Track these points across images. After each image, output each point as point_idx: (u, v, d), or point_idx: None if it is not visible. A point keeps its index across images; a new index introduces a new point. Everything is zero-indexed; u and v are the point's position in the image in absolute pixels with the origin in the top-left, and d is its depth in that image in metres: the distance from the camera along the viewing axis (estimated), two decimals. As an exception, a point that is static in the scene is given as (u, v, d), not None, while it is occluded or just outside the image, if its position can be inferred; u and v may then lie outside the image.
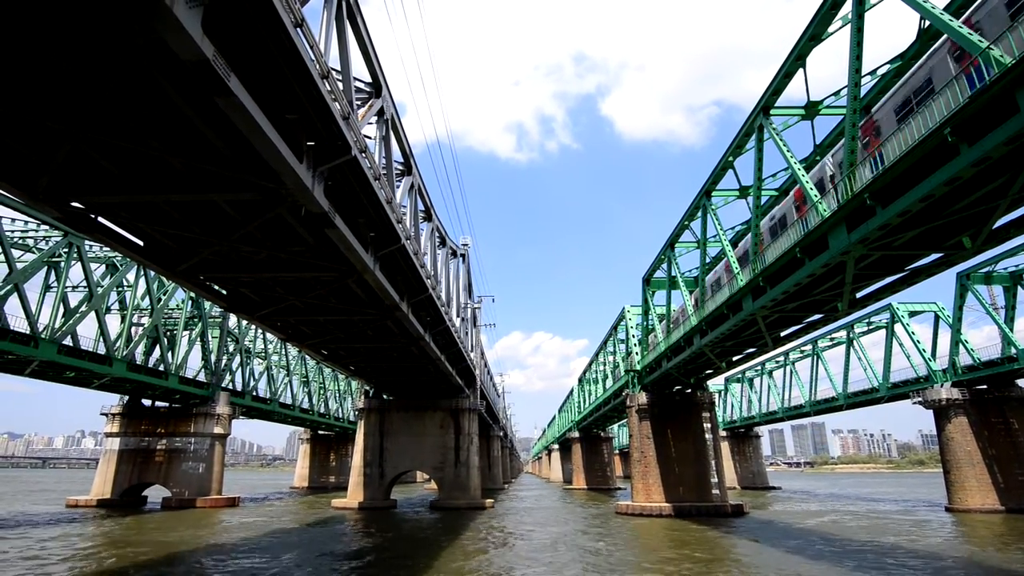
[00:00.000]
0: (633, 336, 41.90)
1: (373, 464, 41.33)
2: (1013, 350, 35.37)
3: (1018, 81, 9.83)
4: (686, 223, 29.21)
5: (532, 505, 46.82)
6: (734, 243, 27.72)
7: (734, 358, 32.14)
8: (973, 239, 14.84)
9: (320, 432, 79.32)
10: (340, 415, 76.18)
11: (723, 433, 75.22)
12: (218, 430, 43.30)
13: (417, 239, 22.75)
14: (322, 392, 71.69)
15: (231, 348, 49.71)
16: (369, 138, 16.95)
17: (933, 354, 41.18)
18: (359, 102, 16.68)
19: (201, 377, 45.18)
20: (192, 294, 43.99)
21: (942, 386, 39.03)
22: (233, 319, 49.25)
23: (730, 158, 22.92)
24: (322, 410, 70.96)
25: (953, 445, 37.94)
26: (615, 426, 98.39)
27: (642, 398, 37.88)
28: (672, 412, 37.59)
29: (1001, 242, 15.08)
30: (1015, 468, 36.75)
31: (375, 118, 17.04)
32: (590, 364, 67.94)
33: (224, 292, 20.46)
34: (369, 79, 16.97)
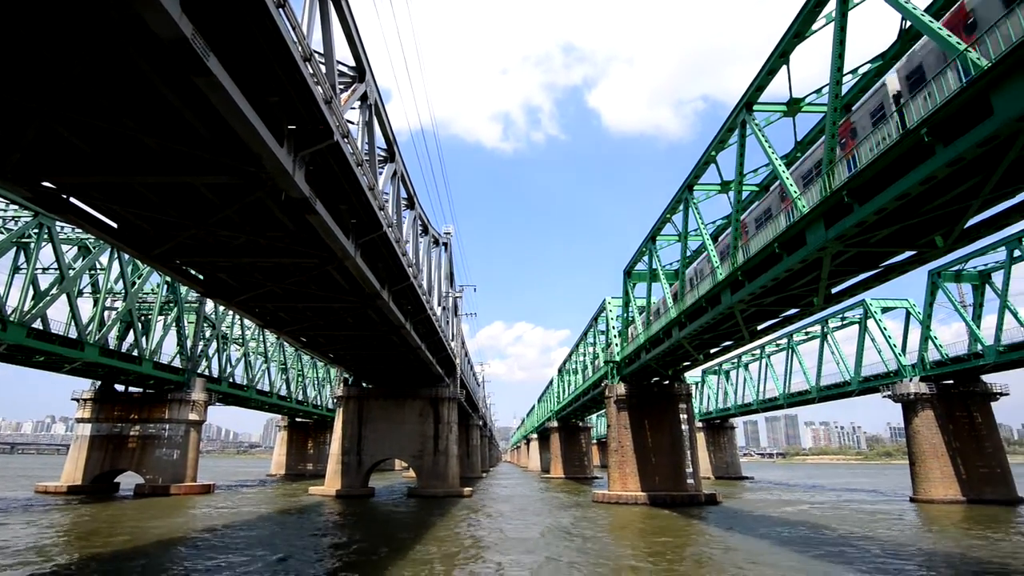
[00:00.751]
0: (613, 328, 42.22)
1: (351, 452, 41.18)
2: (979, 346, 36.42)
3: (994, 84, 10.04)
4: (668, 216, 29.43)
5: (510, 493, 47.15)
6: (714, 237, 28.02)
7: (711, 350, 32.59)
8: (945, 238, 15.19)
9: (298, 419, 78.76)
10: (318, 403, 75.67)
11: (699, 424, 76.41)
12: (193, 416, 42.72)
13: (399, 227, 22.57)
14: (300, 379, 71.11)
15: (207, 334, 48.96)
16: (352, 123, 16.72)
17: (903, 349, 42.26)
18: (342, 86, 16.43)
19: (176, 363, 44.46)
20: (168, 278, 43.15)
21: (911, 380, 40.09)
22: (210, 304, 48.48)
23: (713, 153, 23.09)
24: (300, 397, 70.43)
25: (919, 438, 39.06)
26: (593, 416, 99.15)
27: (620, 389, 38.28)
28: (650, 403, 38.05)
29: (972, 241, 15.46)
30: (976, 460, 38.01)
31: (358, 103, 16.80)
32: (570, 355, 68.37)
33: (201, 277, 20.10)
34: (353, 63, 16.70)
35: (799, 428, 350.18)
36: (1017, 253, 34.25)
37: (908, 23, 15.18)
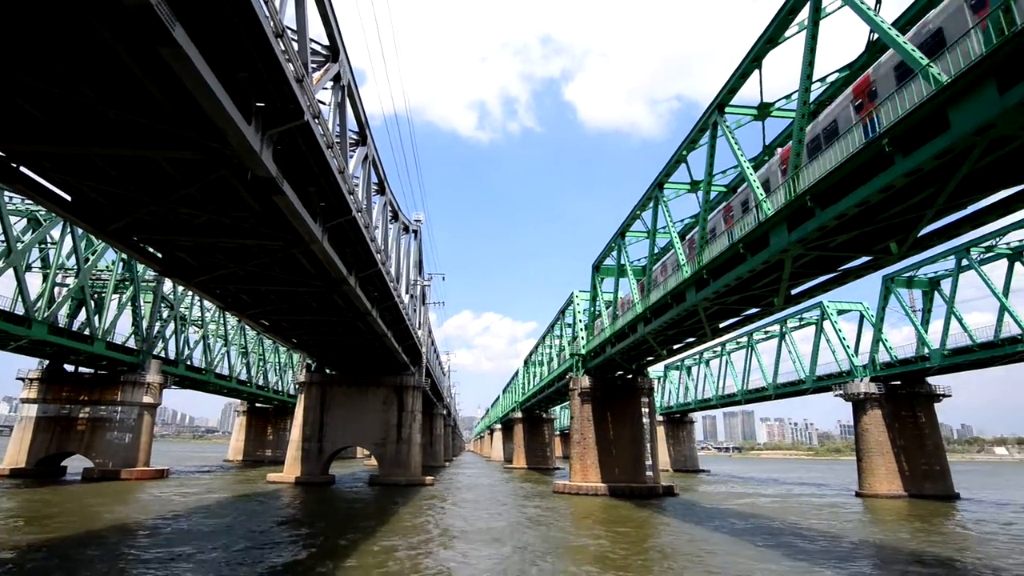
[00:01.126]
0: (580, 321, 42.64)
1: (312, 439, 40.66)
2: (926, 350, 38.10)
3: (952, 99, 10.44)
4: (638, 213, 29.77)
5: (472, 482, 47.36)
6: (682, 235, 28.50)
7: (675, 346, 33.23)
8: (900, 245, 15.79)
9: (258, 405, 77.25)
10: (280, 388, 74.35)
11: (660, 418, 77.93)
12: (147, 399, 41.49)
13: (369, 212, 22.27)
14: (261, 364, 69.69)
15: (165, 314, 47.48)
16: (323, 104, 16.37)
17: (856, 350, 43.90)
18: (315, 65, 16.04)
19: (131, 343, 43.03)
20: (124, 256, 41.61)
21: (861, 380, 41.70)
22: (168, 284, 46.99)
23: (684, 152, 23.43)
24: (261, 382, 69.05)
25: (867, 435, 40.72)
26: (557, 408, 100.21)
27: (585, 382, 38.73)
28: (613, 396, 38.64)
29: (924, 249, 16.10)
30: (919, 458, 39.88)
31: (331, 83, 16.45)
32: (537, 346, 68.79)
33: (159, 255, 19.46)
34: (326, 42, 16.33)
35: (755, 424, 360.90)
36: (965, 262, 35.85)
37: (876, 36, 15.63)
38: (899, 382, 41.46)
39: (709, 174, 20.97)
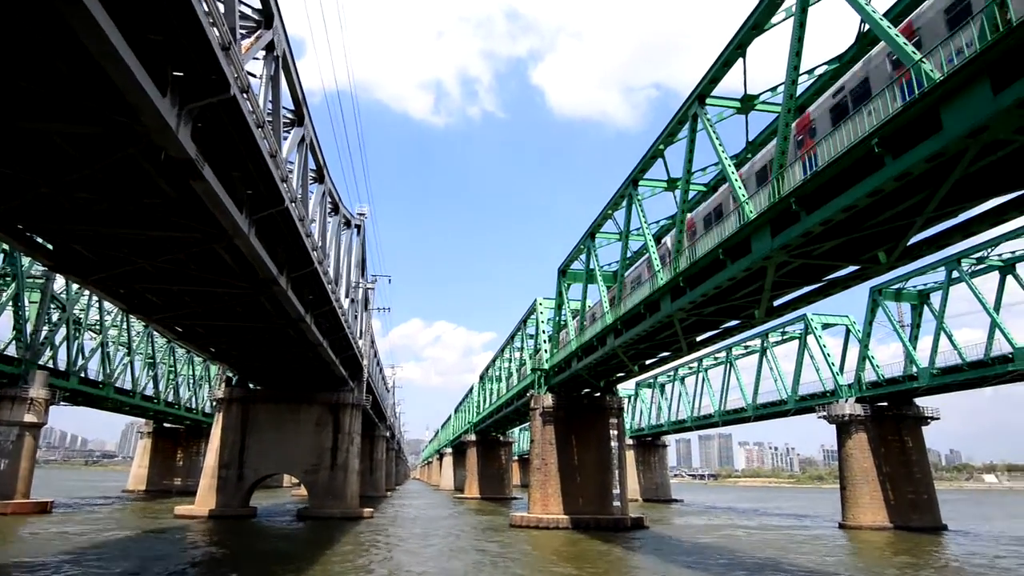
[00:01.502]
0: (544, 332, 42.88)
1: (231, 465, 39.46)
2: (914, 368, 39.88)
3: (944, 98, 11.01)
4: (610, 212, 30.20)
5: (418, 514, 46.89)
6: (658, 239, 29.06)
7: (647, 361, 33.75)
8: (888, 254, 16.50)
9: (166, 425, 74.50)
10: (193, 405, 71.95)
11: (629, 441, 79.07)
12: (30, 418, 39.44)
13: (305, 203, 21.90)
14: (172, 377, 67.34)
15: (55, 317, 45.32)
16: (254, 77, 16.02)
17: (841, 368, 45.60)
18: (244, 32, 15.68)
19: (12, 351, 40.89)
20: (5, 247, 39.56)
21: (846, 401, 43.31)
22: (60, 281, 44.89)
23: (661, 146, 23.92)
24: (170, 398, 66.67)
25: (851, 461, 42.30)
26: (516, 430, 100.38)
27: (548, 400, 38.95)
28: (578, 417, 38.97)
29: (914, 259, 16.86)
30: (905, 486, 41.67)
31: (263, 53, 16.12)
32: (494, 360, 68.79)
33: (50, 247, 18.60)
34: (259, 5, 16.01)
35: (733, 448, 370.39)
36: (955, 274, 37.76)
37: (866, 27, 16.35)
38: (885, 403, 43.23)
39: (688, 171, 21.47)
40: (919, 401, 43.59)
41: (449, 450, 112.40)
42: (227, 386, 41.10)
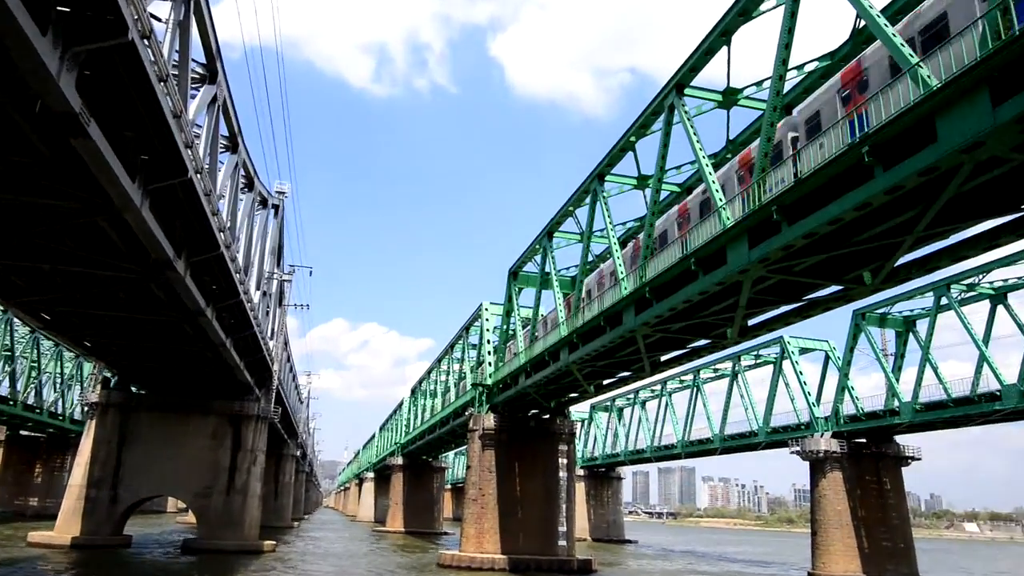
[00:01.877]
0: (489, 342, 42.94)
1: (102, 483, 37.89)
2: (896, 402, 41.57)
3: (941, 107, 11.54)
4: (571, 209, 30.49)
5: (330, 549, 46.21)
6: (623, 242, 29.50)
7: (605, 381, 34.17)
8: (874, 275, 17.20)
9: (23, 433, 71.11)
10: (59, 410, 68.88)
11: (580, 471, 79.85)
12: None
13: (213, 175, 21.40)
14: (34, 375, 64.34)
15: None
16: (159, 21, 15.55)
17: (818, 398, 47.17)
18: (148, -33, 15.20)
19: None
20: None
21: (822, 436, 44.85)
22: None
23: (632, 138, 24.32)
24: (31, 401, 63.66)
25: (824, 503, 43.82)
26: (451, 454, 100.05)
27: (489, 421, 38.98)
28: (524, 441, 39.14)
29: (901, 282, 17.64)
30: (881, 532, 43.41)
31: (170, -5, 15.66)
32: (429, 371, 68.47)
33: None
34: (167, -63, 15.53)
35: (696, 483, 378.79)
36: (944, 301, 39.57)
37: (861, 23, 17.02)
38: (864, 439, 44.96)
39: (661, 168, 21.87)
40: (900, 439, 45.47)
41: (371, 475, 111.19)
42: (103, 388, 39.49)
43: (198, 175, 18.33)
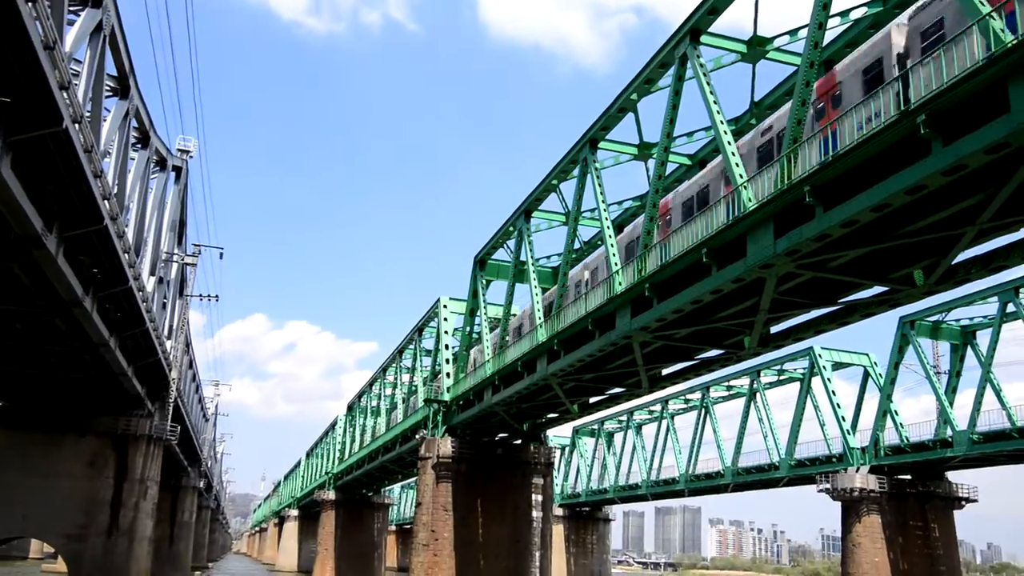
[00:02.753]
0: (447, 347, 42.80)
1: (-61, 520, 37.17)
2: (949, 431, 42.14)
3: (1015, 70, 11.70)
4: (554, 183, 30.48)
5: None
6: (619, 227, 29.59)
7: (592, 399, 34.26)
8: (927, 274, 17.42)
9: None
10: None
11: (558, 511, 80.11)
12: None
13: (96, 126, 21.03)
14: None
15: None
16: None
17: (854, 425, 47.71)
18: None
19: None
20: None
21: (857, 470, 45.42)
22: None
23: (633, 96, 24.34)
24: None
25: (859, 553, 44.43)
26: (397, 487, 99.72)
27: (446, 446, 38.90)
28: (489, 472, 39.12)
29: (958, 284, 17.89)
30: (926, 590, 44.17)
31: None
32: (372, 383, 68.13)
33: None
34: None
35: (701, 527, 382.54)
36: (1011, 308, 40.01)
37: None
38: (909, 476, 45.61)
39: (668, 134, 21.94)
40: (952, 476, 46.12)
41: (294, 512, 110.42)
42: (-50, 399, 38.75)
43: (76, 125, 17.99)
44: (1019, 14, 12.08)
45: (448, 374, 41.42)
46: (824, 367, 49.22)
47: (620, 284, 23.58)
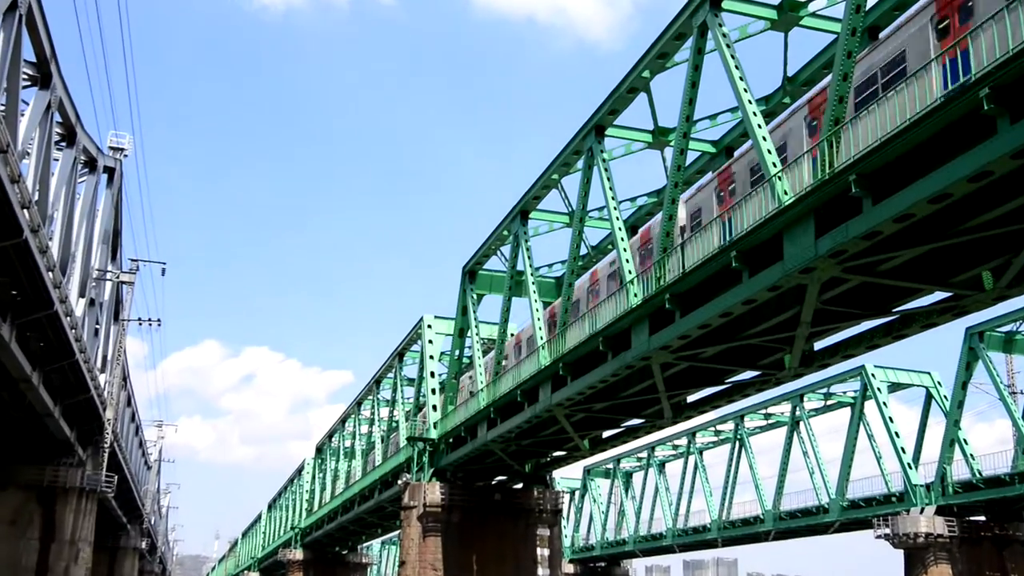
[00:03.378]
0: (433, 374, 42.71)
1: None
2: (1028, 462, 42.11)
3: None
4: (555, 178, 30.49)
5: None
6: (633, 228, 29.60)
7: (605, 433, 34.15)
8: (996, 276, 17.37)
9: None
10: None
11: (569, 567, 79.78)
12: None
13: (12, 120, 21.07)
14: None
15: None
16: None
17: (916, 457, 47.52)
18: None
19: None
20: None
21: (921, 511, 45.24)
22: None
23: (645, 73, 24.37)
24: None
25: (925, 610, 44.24)
26: (376, 543, 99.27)
27: (434, 492, 38.72)
28: (485, 522, 38.94)
29: (1035, 288, 17.80)
30: (1005, 652, 44.00)
31: None
32: (344, 420, 67.94)
33: None
34: None
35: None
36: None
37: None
38: (983, 517, 45.39)
39: (687, 118, 21.95)
40: (1033, 516, 45.90)
41: (255, 575, 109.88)
42: None
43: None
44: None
45: (435, 407, 41.31)
46: (879, 389, 49.08)
47: (636, 296, 23.53)
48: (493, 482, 40.68)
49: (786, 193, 17.59)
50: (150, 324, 52.74)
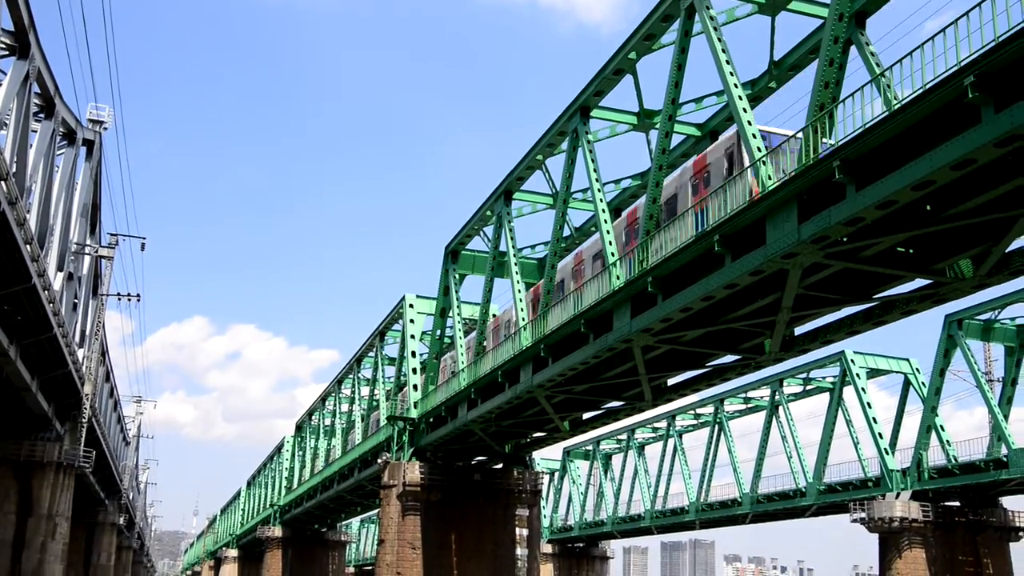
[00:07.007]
0: (414, 354, 42.65)
1: None
2: (1004, 448, 42.32)
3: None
4: (539, 158, 30.40)
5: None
6: (616, 210, 29.57)
7: (586, 415, 34.22)
8: (976, 264, 17.47)
9: None
10: None
11: (547, 547, 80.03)
12: None
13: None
14: None
15: None
16: None
17: (893, 443, 47.81)
18: None
19: None
20: None
21: (897, 496, 45.56)
22: None
23: (632, 55, 24.31)
24: None
25: (899, 593, 44.60)
26: (356, 521, 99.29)
27: (413, 472, 38.73)
28: (464, 502, 39.01)
29: (1013, 275, 17.89)
30: (978, 635, 44.46)
31: None
32: (325, 398, 67.85)
33: None
34: None
35: (716, 564, 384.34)
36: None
37: None
38: (958, 502, 45.77)
39: (673, 100, 21.93)
40: (1008, 502, 46.35)
41: (233, 552, 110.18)
42: None
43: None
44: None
45: (415, 386, 41.31)
46: (858, 375, 49.35)
47: (618, 278, 23.55)
48: (473, 462, 40.75)
49: (770, 178, 17.60)
50: (129, 299, 52.40)
